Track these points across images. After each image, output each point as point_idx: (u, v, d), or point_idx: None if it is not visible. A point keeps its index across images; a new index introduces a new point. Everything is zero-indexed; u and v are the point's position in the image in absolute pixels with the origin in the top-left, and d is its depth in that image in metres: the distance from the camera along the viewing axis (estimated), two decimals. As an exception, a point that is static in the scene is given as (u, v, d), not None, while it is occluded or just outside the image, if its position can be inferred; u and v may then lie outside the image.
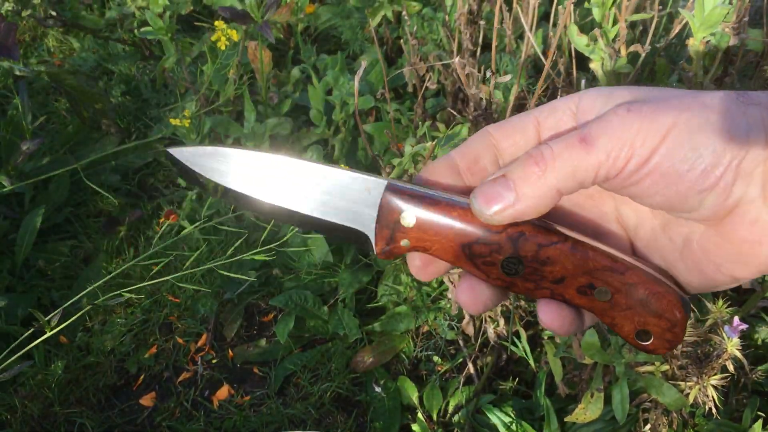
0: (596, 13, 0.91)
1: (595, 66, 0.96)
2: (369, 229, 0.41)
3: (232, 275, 1.03)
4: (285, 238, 0.93)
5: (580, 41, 0.94)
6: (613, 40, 0.93)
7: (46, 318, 0.89)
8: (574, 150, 0.35)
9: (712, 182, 0.35)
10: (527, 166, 0.36)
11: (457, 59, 0.88)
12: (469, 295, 0.41)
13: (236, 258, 0.96)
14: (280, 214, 0.42)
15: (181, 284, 1.14)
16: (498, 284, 0.41)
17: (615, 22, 0.93)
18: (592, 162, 0.35)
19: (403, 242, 0.40)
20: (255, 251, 0.97)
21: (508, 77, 0.96)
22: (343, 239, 0.42)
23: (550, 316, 0.40)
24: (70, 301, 0.98)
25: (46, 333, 0.89)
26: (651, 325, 0.39)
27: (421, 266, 0.43)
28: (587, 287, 0.39)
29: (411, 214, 0.39)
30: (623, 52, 0.94)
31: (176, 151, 0.43)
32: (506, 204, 0.37)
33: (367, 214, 0.40)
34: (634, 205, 0.41)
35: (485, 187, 0.38)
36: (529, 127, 0.41)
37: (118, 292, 0.93)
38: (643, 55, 0.95)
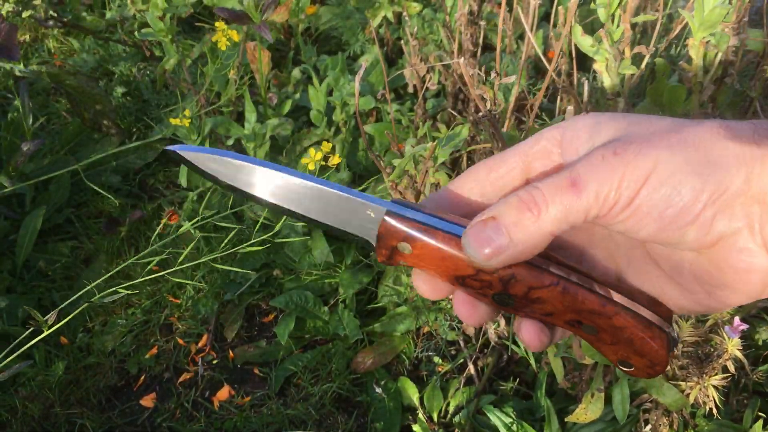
0: (601, 14, 0.91)
1: (599, 67, 0.96)
2: (372, 239, 0.42)
3: (233, 269, 1.03)
4: (280, 228, 0.93)
5: (584, 42, 0.94)
6: (617, 41, 0.93)
7: (45, 318, 0.89)
8: (566, 195, 0.36)
9: (691, 218, 0.36)
10: (521, 210, 0.37)
11: (461, 59, 0.88)
12: (466, 308, 0.43)
13: (232, 250, 0.96)
14: (287, 212, 0.44)
15: (180, 280, 1.13)
16: (490, 307, 0.43)
17: (619, 22, 0.93)
18: (582, 205, 0.36)
19: (401, 262, 0.42)
20: (250, 242, 0.97)
21: (512, 78, 0.96)
22: (347, 239, 0.44)
23: (530, 335, 0.42)
24: (68, 301, 0.98)
25: (44, 332, 0.89)
26: (634, 360, 0.41)
27: (427, 288, 0.44)
28: (575, 322, 0.41)
29: (407, 244, 0.40)
30: (627, 53, 0.94)
31: (188, 154, 0.44)
32: (499, 249, 0.37)
33: (370, 228, 0.42)
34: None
35: (476, 230, 0.38)
36: (514, 160, 0.43)
37: (114, 288, 0.93)
38: (647, 56, 0.95)
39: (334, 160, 1.01)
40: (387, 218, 0.41)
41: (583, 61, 1.34)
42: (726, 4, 0.86)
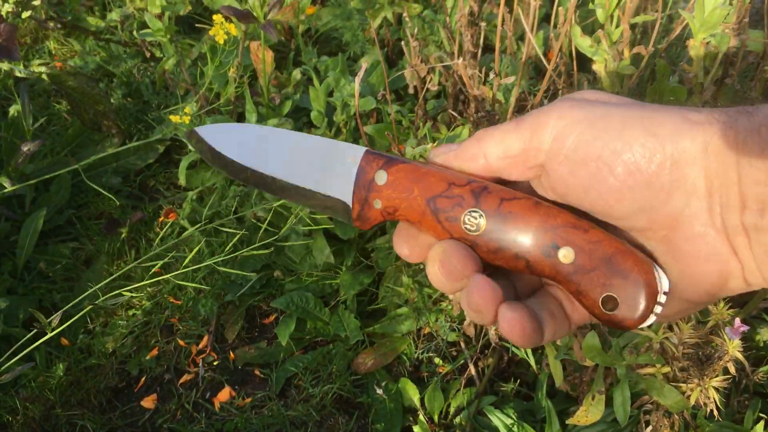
0: (600, 15, 0.91)
1: (598, 67, 0.96)
2: (347, 195, 0.45)
3: (234, 271, 1.03)
4: (284, 233, 0.93)
5: (583, 42, 0.94)
6: (616, 42, 0.93)
7: (48, 320, 0.90)
8: (507, 126, 0.41)
9: (645, 179, 0.35)
10: (477, 132, 0.43)
11: (459, 60, 0.88)
12: (405, 245, 0.45)
13: (235, 254, 0.96)
14: (263, 181, 0.47)
15: (182, 282, 1.14)
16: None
17: (618, 23, 0.93)
18: (518, 134, 0.40)
19: (376, 203, 0.44)
20: (254, 246, 0.97)
21: (511, 79, 0.96)
22: (323, 209, 0.46)
23: (512, 322, 0.39)
24: (71, 303, 0.98)
25: (47, 334, 0.89)
26: (616, 288, 0.37)
27: (406, 248, 0.45)
28: (551, 248, 0.39)
29: (384, 172, 0.43)
30: (626, 53, 0.94)
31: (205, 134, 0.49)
32: (449, 149, 0.44)
33: (347, 180, 0.45)
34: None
35: (444, 144, 0.45)
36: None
37: (118, 291, 0.93)
38: (647, 56, 0.95)
39: None
40: (367, 155, 0.45)
41: (584, 62, 1.34)
42: (726, 5, 0.86)
